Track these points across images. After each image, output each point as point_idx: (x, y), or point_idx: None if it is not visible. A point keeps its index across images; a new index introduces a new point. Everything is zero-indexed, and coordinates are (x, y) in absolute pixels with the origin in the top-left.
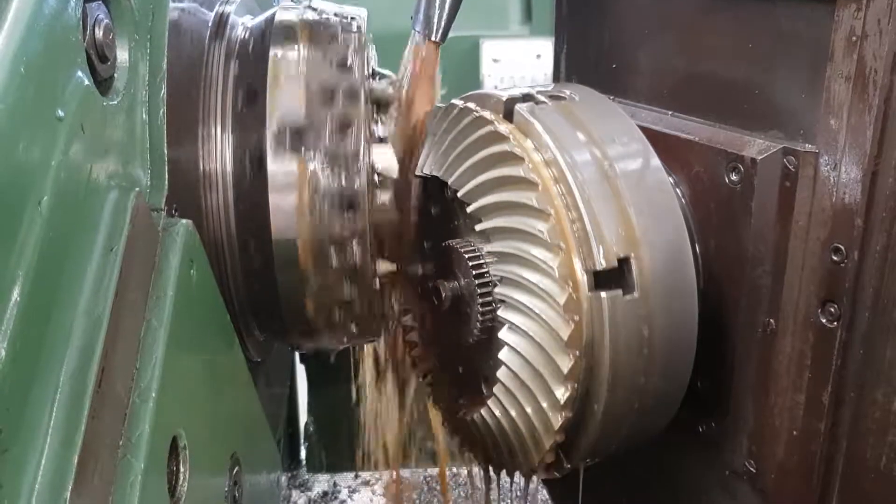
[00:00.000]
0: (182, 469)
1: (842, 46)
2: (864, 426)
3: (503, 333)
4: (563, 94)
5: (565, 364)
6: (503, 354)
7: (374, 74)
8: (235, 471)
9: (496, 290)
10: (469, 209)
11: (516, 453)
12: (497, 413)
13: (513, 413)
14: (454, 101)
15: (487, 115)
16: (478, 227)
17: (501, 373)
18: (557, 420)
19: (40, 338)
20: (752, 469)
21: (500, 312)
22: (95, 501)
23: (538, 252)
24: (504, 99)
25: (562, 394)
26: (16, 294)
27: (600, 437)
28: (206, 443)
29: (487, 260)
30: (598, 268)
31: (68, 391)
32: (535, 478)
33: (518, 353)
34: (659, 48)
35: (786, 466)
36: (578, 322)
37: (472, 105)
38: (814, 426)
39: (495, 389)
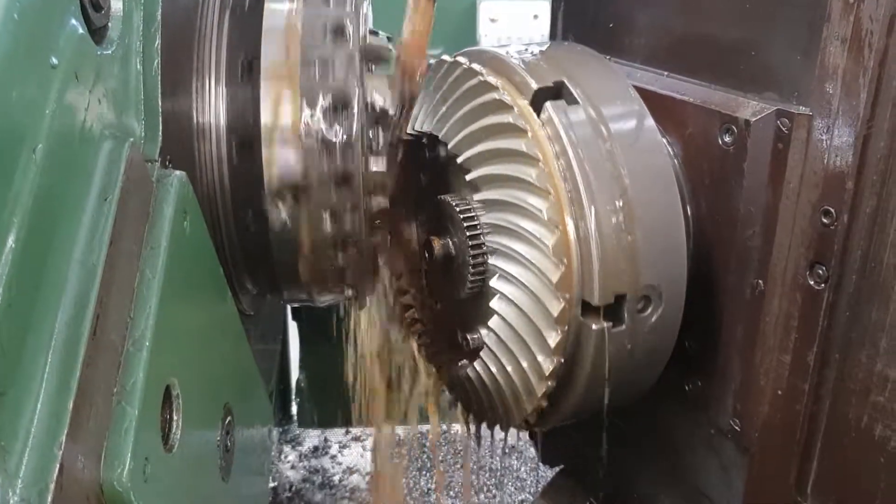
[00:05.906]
0: (175, 417)
1: (839, 8)
2: (848, 387)
3: (494, 282)
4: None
5: (555, 308)
6: (494, 303)
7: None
8: (228, 421)
9: (486, 238)
10: (459, 160)
11: (509, 403)
12: (490, 363)
13: (505, 362)
14: (444, 57)
15: (477, 67)
16: (468, 177)
17: (493, 322)
18: (549, 366)
19: (35, 284)
20: (736, 427)
21: (490, 261)
22: (90, 445)
23: (527, 197)
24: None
25: (553, 338)
26: (11, 240)
27: (589, 388)
28: (199, 392)
29: (477, 210)
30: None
31: (64, 338)
32: (523, 433)
33: (509, 300)
34: (656, 8)
35: (770, 425)
36: (568, 264)
37: (461, 59)
38: (798, 386)
39: (488, 339)
